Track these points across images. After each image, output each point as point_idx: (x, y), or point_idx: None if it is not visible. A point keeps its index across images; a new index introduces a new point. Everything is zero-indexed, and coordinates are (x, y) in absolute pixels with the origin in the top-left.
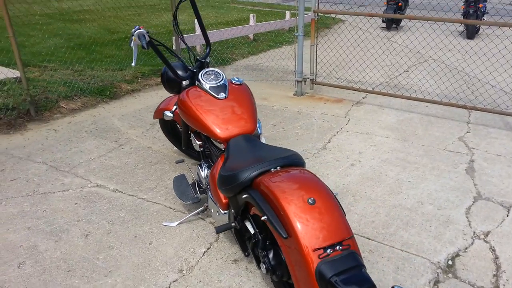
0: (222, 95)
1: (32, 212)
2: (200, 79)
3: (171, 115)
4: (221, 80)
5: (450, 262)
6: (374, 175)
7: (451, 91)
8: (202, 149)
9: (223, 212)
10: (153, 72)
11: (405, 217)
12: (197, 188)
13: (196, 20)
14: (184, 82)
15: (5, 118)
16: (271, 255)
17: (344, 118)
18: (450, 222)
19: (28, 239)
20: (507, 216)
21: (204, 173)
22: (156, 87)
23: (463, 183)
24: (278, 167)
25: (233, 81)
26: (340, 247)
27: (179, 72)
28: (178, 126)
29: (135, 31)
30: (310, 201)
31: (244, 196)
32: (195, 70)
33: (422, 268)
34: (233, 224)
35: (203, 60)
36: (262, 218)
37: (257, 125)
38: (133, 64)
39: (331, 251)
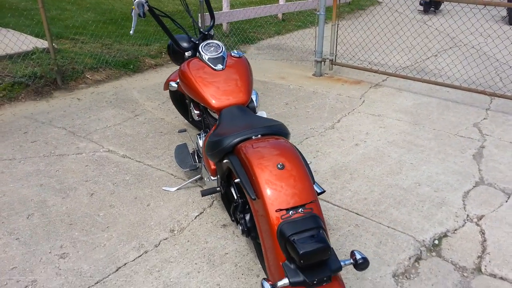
0: (219, 66)
1: (46, 171)
2: (200, 50)
3: (176, 85)
4: (220, 52)
5: (436, 242)
6: (377, 155)
7: (479, 77)
8: (200, 118)
9: (212, 178)
10: None
11: (398, 196)
12: (196, 156)
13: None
14: (186, 53)
15: (33, 86)
16: (247, 218)
17: (358, 100)
18: (444, 204)
19: (39, 194)
20: (506, 202)
21: (201, 142)
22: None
23: (467, 168)
24: (259, 135)
25: (233, 54)
26: (302, 210)
27: (184, 44)
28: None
29: (135, 0)
30: (279, 166)
31: (225, 161)
32: (197, 42)
33: (405, 244)
34: (218, 188)
35: (206, 33)
36: (235, 180)
37: (254, 98)
38: (131, 32)
39: (293, 212)
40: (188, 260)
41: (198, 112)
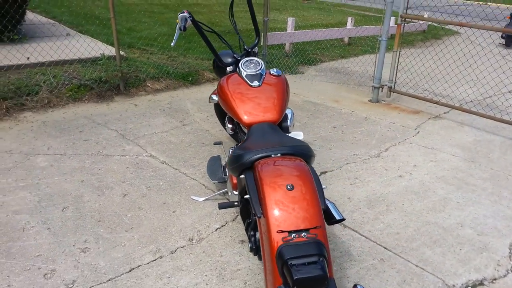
0: (255, 83)
1: (90, 169)
2: (240, 66)
3: (216, 98)
4: (259, 70)
5: None
6: (421, 189)
7: None
8: (232, 132)
9: (234, 192)
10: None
11: (435, 235)
12: (226, 169)
13: (288, 19)
14: (228, 69)
15: (97, 89)
16: (257, 236)
17: (413, 130)
18: (487, 250)
19: (78, 189)
20: None
21: None
22: None
23: None
24: (279, 154)
25: (271, 72)
26: (306, 234)
27: (227, 59)
28: None
29: (179, 14)
30: (288, 187)
31: (241, 176)
32: (239, 58)
33: (431, 286)
34: (235, 203)
35: (249, 50)
36: (245, 196)
37: (289, 117)
38: (172, 44)
39: (295, 236)
40: (199, 271)
41: (231, 126)
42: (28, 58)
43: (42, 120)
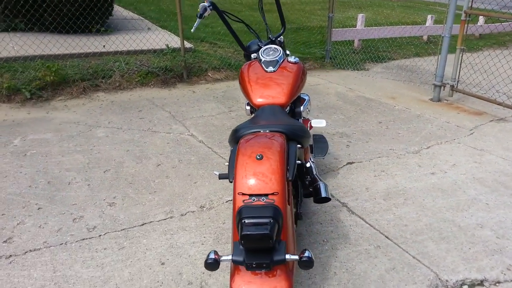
0: (270, 68)
1: (137, 141)
2: (260, 53)
3: None
4: (276, 56)
5: (464, 287)
6: (450, 188)
7: None
8: (250, 114)
9: None
10: (301, 59)
11: (447, 232)
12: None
13: (358, 16)
14: (252, 56)
15: (162, 76)
16: None
17: (467, 131)
18: (500, 253)
19: (121, 157)
20: None
21: None
22: None
23: None
24: (268, 131)
25: (289, 59)
26: (265, 199)
27: (254, 47)
28: None
29: (201, 4)
30: (257, 156)
31: (231, 149)
32: (262, 46)
33: (421, 278)
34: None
35: (274, 39)
36: (226, 163)
37: (302, 102)
38: (192, 30)
39: (255, 199)
40: (200, 232)
41: (249, 108)
42: (103, 46)
43: (111, 99)
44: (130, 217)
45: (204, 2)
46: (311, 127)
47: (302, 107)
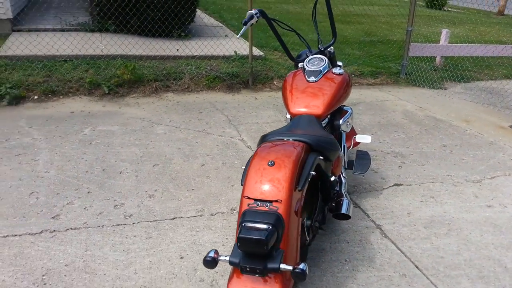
0: (312, 78)
1: (189, 141)
2: (305, 63)
3: None
4: (320, 67)
5: None
6: (505, 225)
7: None
8: None
9: None
10: (371, 74)
11: (488, 271)
12: None
13: (442, 31)
14: (299, 65)
15: (228, 81)
16: None
17: None
18: None
19: (172, 153)
20: None
21: None
22: (363, 86)
23: None
24: (291, 139)
25: (334, 71)
26: (269, 205)
27: (303, 57)
28: None
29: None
30: (269, 163)
31: None
32: (309, 56)
33: None
34: None
35: (323, 49)
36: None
37: (343, 115)
38: (237, 36)
39: (259, 204)
40: (224, 233)
41: (289, 117)
42: (177, 50)
43: (178, 100)
44: (164, 210)
45: (251, 10)
46: (356, 142)
47: (341, 120)
